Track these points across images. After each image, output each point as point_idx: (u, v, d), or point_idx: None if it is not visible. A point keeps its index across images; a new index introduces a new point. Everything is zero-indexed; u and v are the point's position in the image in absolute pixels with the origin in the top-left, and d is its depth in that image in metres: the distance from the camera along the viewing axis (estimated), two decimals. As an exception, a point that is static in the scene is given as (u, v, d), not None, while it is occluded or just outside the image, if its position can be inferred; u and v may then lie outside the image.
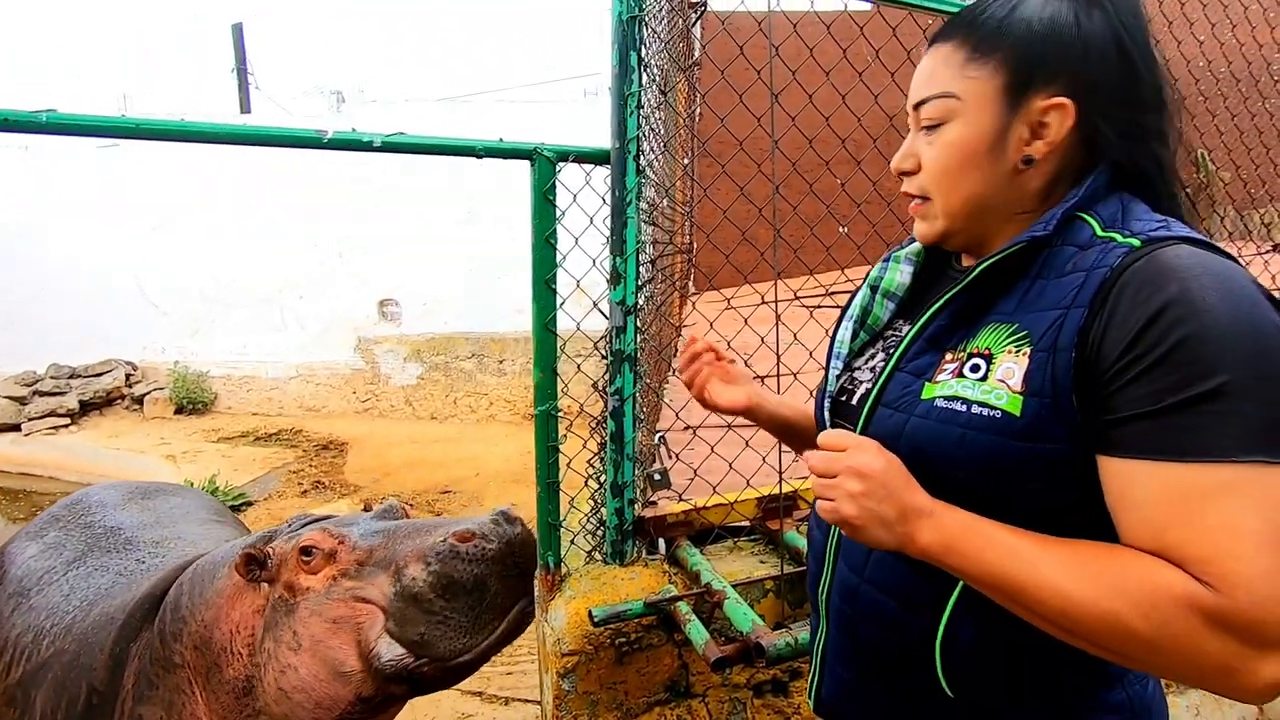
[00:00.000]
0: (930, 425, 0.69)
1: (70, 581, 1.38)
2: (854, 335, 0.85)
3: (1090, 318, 0.61)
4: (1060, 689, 0.71)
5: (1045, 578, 0.57)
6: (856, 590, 0.78)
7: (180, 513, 1.61)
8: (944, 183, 0.72)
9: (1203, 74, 2.58)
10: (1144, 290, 0.59)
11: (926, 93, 0.72)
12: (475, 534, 1.10)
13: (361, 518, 1.27)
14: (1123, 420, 0.58)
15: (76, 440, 6.57)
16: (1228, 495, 0.54)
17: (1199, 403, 0.55)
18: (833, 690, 0.85)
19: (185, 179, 7.23)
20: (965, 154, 0.70)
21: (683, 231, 4.29)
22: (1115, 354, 0.59)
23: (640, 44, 1.44)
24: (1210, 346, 0.55)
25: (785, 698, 1.73)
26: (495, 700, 2.59)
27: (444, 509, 4.75)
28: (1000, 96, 0.68)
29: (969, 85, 0.69)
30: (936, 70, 0.72)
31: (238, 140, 1.34)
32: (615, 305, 1.54)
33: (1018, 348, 0.65)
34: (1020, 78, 0.68)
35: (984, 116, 0.69)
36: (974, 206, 0.72)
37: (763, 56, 1.66)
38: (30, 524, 1.64)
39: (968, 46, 0.70)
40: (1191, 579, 0.53)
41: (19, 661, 1.30)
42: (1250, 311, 0.56)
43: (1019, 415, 0.63)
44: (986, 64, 0.69)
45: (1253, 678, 0.52)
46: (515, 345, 7.52)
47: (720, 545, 1.83)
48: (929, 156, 0.73)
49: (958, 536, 0.61)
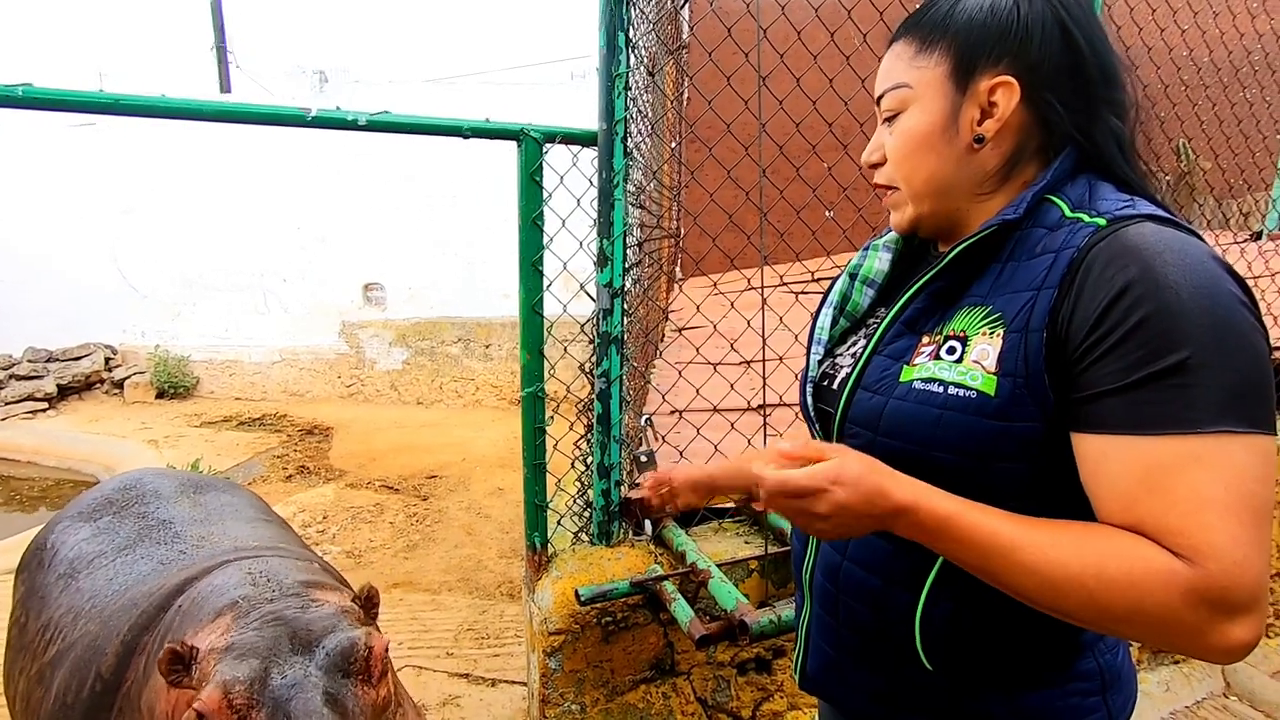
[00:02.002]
0: (908, 407, 0.70)
1: (116, 566, 1.37)
2: (834, 322, 0.87)
3: (1059, 298, 0.63)
4: (1035, 658, 0.73)
5: (1026, 558, 0.59)
6: (839, 568, 0.80)
7: (230, 510, 1.58)
8: (905, 167, 0.76)
9: (1184, 63, 2.60)
10: (1108, 270, 0.60)
11: (883, 86, 0.77)
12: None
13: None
14: (1092, 397, 0.60)
15: (55, 425, 6.47)
16: (1194, 466, 0.55)
17: (1163, 377, 0.57)
18: (817, 665, 0.87)
19: (163, 160, 7.08)
20: (920, 138, 0.74)
21: (670, 215, 4.28)
22: (1083, 333, 0.60)
23: (628, 25, 1.43)
24: (1172, 322, 0.57)
25: (769, 675, 1.76)
26: (482, 682, 2.61)
27: (431, 493, 4.75)
28: (947, 81, 0.72)
29: (919, 74, 0.74)
30: (891, 65, 0.77)
31: (219, 117, 1.32)
32: (602, 288, 1.54)
33: (992, 329, 0.67)
34: (965, 62, 0.71)
35: (934, 102, 0.73)
36: (934, 187, 0.75)
37: (751, 39, 1.65)
38: (79, 502, 1.61)
39: (916, 40, 0.75)
40: (1167, 552, 0.55)
41: (55, 640, 1.29)
42: (1210, 286, 0.58)
43: (994, 395, 0.65)
44: (933, 53, 0.73)
45: (1224, 639, 0.54)
46: (502, 330, 7.49)
47: (705, 526, 1.85)
48: (890, 145, 0.77)
49: (936, 528, 0.62)
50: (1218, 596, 0.53)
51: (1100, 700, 0.74)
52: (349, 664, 0.93)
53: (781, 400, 2.28)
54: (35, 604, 1.42)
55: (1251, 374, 0.57)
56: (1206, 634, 0.54)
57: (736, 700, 1.74)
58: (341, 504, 4.53)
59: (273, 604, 1.02)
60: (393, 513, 4.38)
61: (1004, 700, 0.73)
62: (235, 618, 1.00)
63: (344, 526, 4.17)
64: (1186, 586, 0.54)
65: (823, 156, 2.05)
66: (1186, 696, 2.29)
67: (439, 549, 3.86)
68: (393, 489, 4.84)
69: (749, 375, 2.62)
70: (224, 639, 0.95)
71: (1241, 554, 0.54)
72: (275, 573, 1.13)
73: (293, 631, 0.95)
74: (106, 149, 7.09)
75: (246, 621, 0.98)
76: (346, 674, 0.93)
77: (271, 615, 0.98)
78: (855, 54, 1.93)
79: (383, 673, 0.97)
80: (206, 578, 1.17)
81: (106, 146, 7.08)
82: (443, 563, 3.69)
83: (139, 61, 7.95)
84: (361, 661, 0.94)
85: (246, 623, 0.98)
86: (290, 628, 0.96)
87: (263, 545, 1.38)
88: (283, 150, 6.97)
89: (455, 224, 7.26)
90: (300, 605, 1.01)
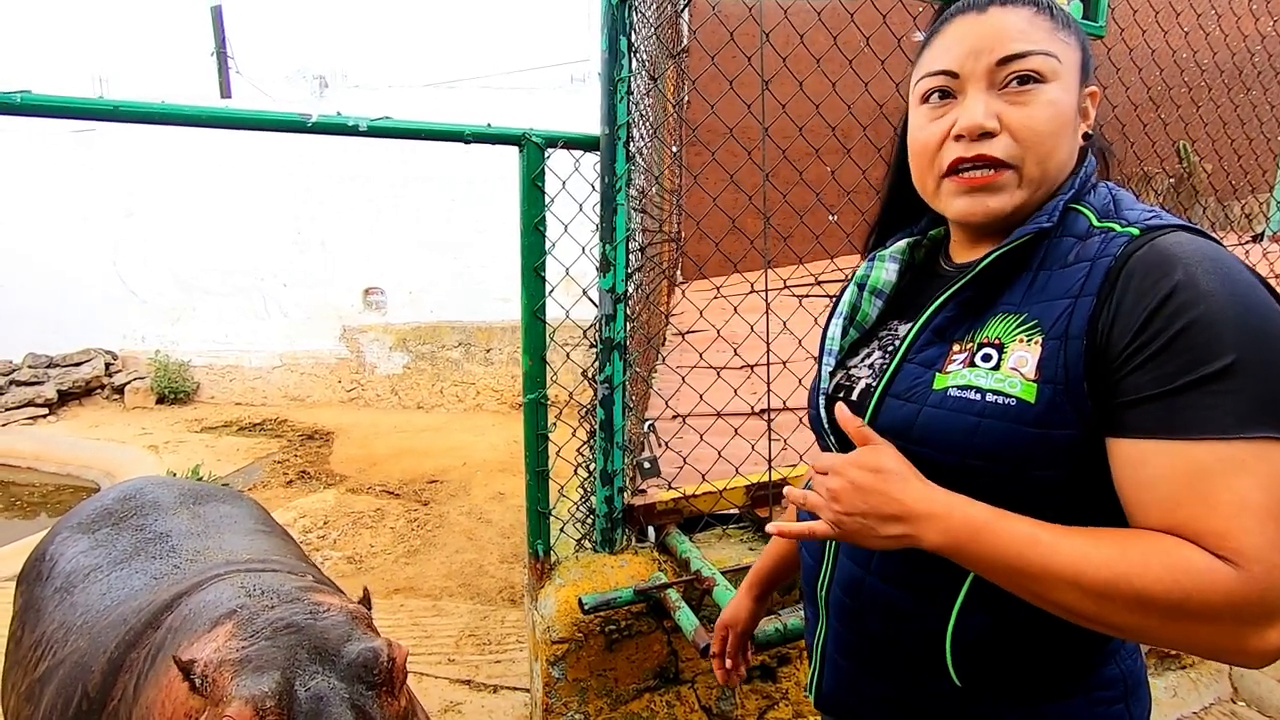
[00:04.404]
0: (944, 414, 0.69)
1: (109, 581, 1.34)
2: (844, 333, 0.85)
3: (1099, 306, 0.63)
4: (1063, 668, 0.72)
5: (1065, 565, 0.58)
6: (861, 583, 0.78)
7: (228, 522, 1.56)
8: (1046, 145, 0.68)
9: (1186, 65, 2.60)
10: (1149, 277, 0.61)
11: (1026, 46, 0.67)
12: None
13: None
14: (1133, 403, 0.60)
15: (56, 430, 6.46)
16: (1237, 471, 0.56)
17: (1206, 383, 0.57)
18: (834, 684, 0.85)
19: (163, 165, 7.09)
20: (1065, 119, 0.70)
21: (671, 219, 4.27)
22: (1125, 340, 0.61)
23: (630, 29, 1.43)
24: (1215, 329, 0.57)
25: (774, 683, 1.74)
26: (484, 688, 2.59)
27: (431, 498, 4.74)
28: (1078, 70, 0.71)
29: (1065, 50, 0.70)
30: (1027, 28, 0.68)
31: (219, 123, 1.31)
32: (605, 293, 1.53)
33: (1029, 337, 0.66)
34: (1086, 58, 0.72)
35: (1072, 85, 0.70)
36: (1054, 176, 0.71)
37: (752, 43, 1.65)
38: (79, 510, 1.59)
39: (1047, 15, 0.70)
40: (1210, 554, 0.55)
41: (45, 656, 1.27)
42: (1249, 294, 0.59)
43: (1033, 402, 0.64)
44: (1071, 36, 0.71)
45: (1260, 644, 0.54)
46: (503, 334, 7.48)
47: (709, 533, 1.84)
48: (1024, 115, 0.68)
49: (969, 538, 0.62)
50: (1259, 599, 0.54)
51: (1124, 708, 0.73)
52: (372, 675, 0.91)
53: (785, 405, 2.27)
54: (31, 618, 1.40)
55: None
56: (1246, 636, 0.54)
57: (741, 709, 1.72)
58: (342, 509, 4.52)
59: (276, 610, 0.99)
60: (393, 518, 4.37)
61: (1028, 712, 0.72)
62: (238, 625, 0.97)
63: (345, 532, 4.16)
64: (1230, 588, 0.54)
65: (825, 160, 2.05)
66: (1194, 702, 2.27)
67: (440, 554, 3.85)
68: (393, 494, 4.82)
69: (752, 380, 2.61)
70: (235, 650, 0.92)
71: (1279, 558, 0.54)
72: (269, 584, 1.11)
73: (308, 640, 0.92)
74: (107, 154, 7.10)
75: (254, 629, 0.95)
76: (370, 685, 0.91)
77: (282, 623, 0.95)
78: (858, 58, 1.92)
79: (403, 682, 0.96)
80: (198, 593, 1.14)
81: (107, 151, 7.09)
82: (444, 568, 3.67)
83: (139, 67, 7.95)
84: (385, 673, 0.92)
85: (254, 630, 0.95)
86: (304, 635, 0.93)
87: (255, 559, 1.35)
88: (283, 155, 6.97)
89: (455, 228, 7.26)
90: (309, 611, 0.98)
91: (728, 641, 1.08)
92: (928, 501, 0.64)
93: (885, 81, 1.80)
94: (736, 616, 1.07)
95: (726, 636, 1.08)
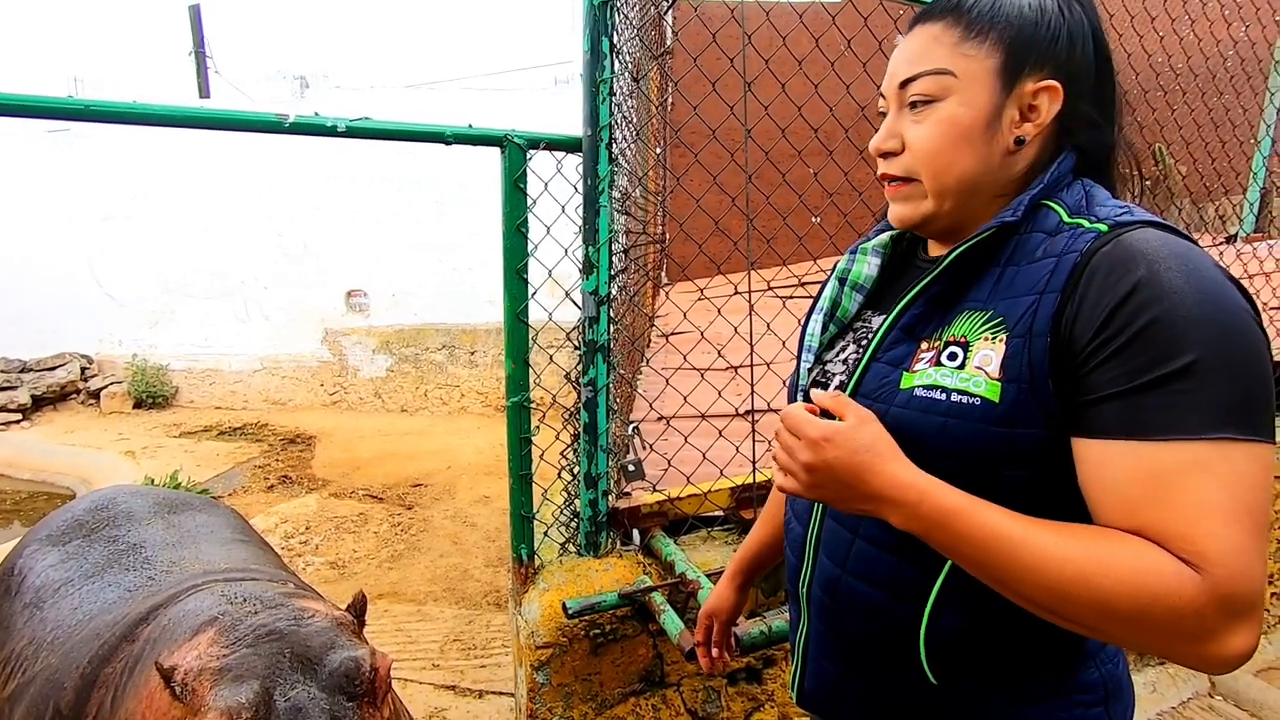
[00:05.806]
0: (910, 415, 0.69)
1: (81, 595, 1.30)
2: (824, 328, 0.85)
3: (1063, 302, 0.62)
4: (1039, 670, 0.72)
5: (1032, 554, 0.58)
6: (838, 582, 0.78)
7: (205, 531, 1.51)
8: (938, 161, 0.71)
9: (1162, 69, 2.63)
10: (1114, 274, 0.60)
11: (918, 69, 0.71)
12: None
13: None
14: (1095, 401, 0.59)
15: (29, 436, 6.33)
16: (1198, 472, 0.55)
17: (1168, 382, 0.56)
18: (815, 682, 0.85)
19: (141, 166, 6.98)
20: (960, 132, 0.69)
21: (655, 221, 4.27)
22: (1087, 337, 0.60)
23: (612, 30, 1.42)
24: (1178, 328, 0.56)
25: (759, 685, 1.74)
26: (469, 694, 2.57)
27: (415, 502, 4.70)
28: (995, 76, 0.69)
29: (965, 63, 0.69)
30: (927, 48, 0.71)
31: (194, 123, 1.29)
32: (588, 295, 1.53)
33: (994, 334, 0.66)
34: (1015, 59, 0.68)
35: (980, 95, 0.69)
36: (965, 186, 0.71)
37: (735, 45, 1.65)
38: (49, 522, 1.54)
39: (960, 26, 0.70)
40: (1174, 557, 0.55)
41: (15, 675, 1.22)
42: (1215, 292, 0.58)
43: (998, 402, 0.64)
44: (982, 43, 0.69)
45: (1224, 648, 0.54)
46: (487, 336, 7.44)
47: (694, 535, 1.83)
48: (919, 135, 0.71)
49: (938, 524, 0.61)
50: (1223, 603, 0.53)
51: (1103, 711, 0.73)
52: (354, 685, 0.89)
53: (770, 406, 2.28)
54: (0, 635, 1.36)
55: (1255, 381, 0.56)
56: (1209, 640, 0.54)
57: (727, 711, 1.72)
58: (324, 514, 4.46)
59: (259, 616, 0.96)
60: (377, 522, 4.33)
61: (1007, 713, 0.72)
62: (220, 632, 0.94)
63: (327, 537, 4.11)
64: (1195, 591, 0.53)
65: (808, 161, 2.05)
66: (1173, 697, 2.30)
67: (424, 558, 3.82)
68: (377, 498, 4.78)
69: (736, 381, 2.62)
70: (215, 657, 0.89)
71: (1245, 561, 0.53)
72: (251, 591, 1.09)
73: (290, 648, 0.90)
74: (83, 155, 6.98)
75: (236, 636, 0.92)
76: (351, 696, 0.89)
77: (264, 630, 0.93)
78: (840, 60, 1.93)
79: (386, 692, 0.94)
80: (176, 604, 1.11)
81: (84, 152, 6.97)
82: (428, 572, 3.64)
83: (117, 68, 7.83)
84: (367, 683, 0.90)
85: (236, 638, 0.92)
86: (287, 643, 0.91)
87: (234, 568, 1.32)
88: (264, 156, 6.89)
89: (438, 230, 7.22)
90: (292, 617, 0.96)
91: (712, 630, 1.08)
92: (899, 489, 0.63)
93: (867, 84, 1.80)
94: (719, 605, 1.08)
95: (710, 625, 1.08)
